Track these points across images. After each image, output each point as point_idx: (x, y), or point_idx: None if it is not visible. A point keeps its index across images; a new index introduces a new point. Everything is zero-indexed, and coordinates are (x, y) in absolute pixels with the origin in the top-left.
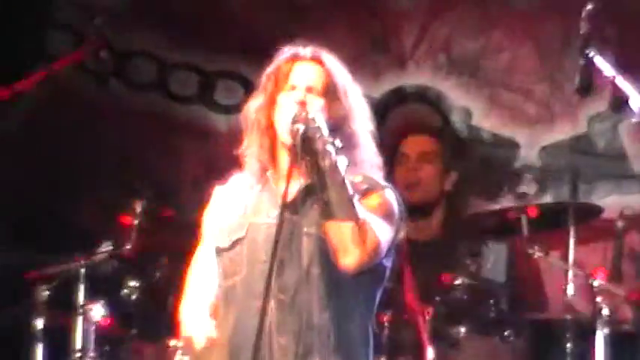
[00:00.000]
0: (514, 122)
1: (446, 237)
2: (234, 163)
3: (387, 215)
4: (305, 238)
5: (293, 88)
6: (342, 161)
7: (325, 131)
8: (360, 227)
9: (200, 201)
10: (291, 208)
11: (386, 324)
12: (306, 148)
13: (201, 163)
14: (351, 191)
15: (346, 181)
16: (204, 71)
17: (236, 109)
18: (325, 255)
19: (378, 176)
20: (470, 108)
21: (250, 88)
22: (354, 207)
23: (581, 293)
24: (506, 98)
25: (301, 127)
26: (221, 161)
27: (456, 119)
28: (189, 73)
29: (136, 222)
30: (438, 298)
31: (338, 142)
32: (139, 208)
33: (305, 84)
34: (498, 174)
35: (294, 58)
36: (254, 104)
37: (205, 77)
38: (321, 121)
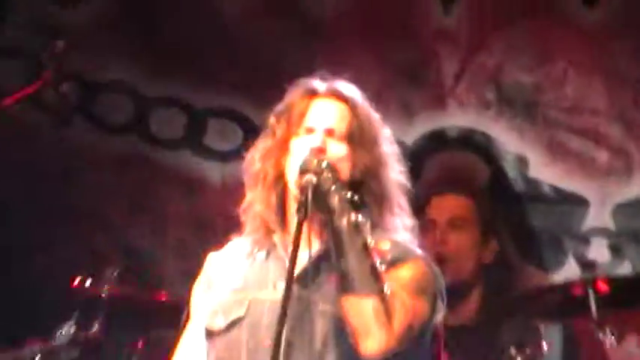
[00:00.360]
0: (581, 173)
1: (488, 321)
2: (230, 224)
3: (421, 291)
4: (318, 318)
5: (309, 131)
6: (363, 222)
7: (341, 183)
8: (386, 304)
9: (186, 271)
10: (301, 280)
11: None
12: (319, 205)
13: (188, 224)
14: (375, 259)
15: (369, 247)
16: (193, 108)
17: (232, 155)
18: (343, 338)
19: (411, 242)
20: (526, 156)
21: (251, 129)
22: (378, 278)
23: None
24: (571, 143)
25: (312, 178)
26: (213, 221)
27: (509, 170)
28: (174, 111)
29: (104, 296)
30: None
31: (358, 198)
32: (109, 279)
33: (324, 126)
34: (561, 238)
35: (312, 93)
36: (259, 151)
37: (194, 116)
38: (336, 171)
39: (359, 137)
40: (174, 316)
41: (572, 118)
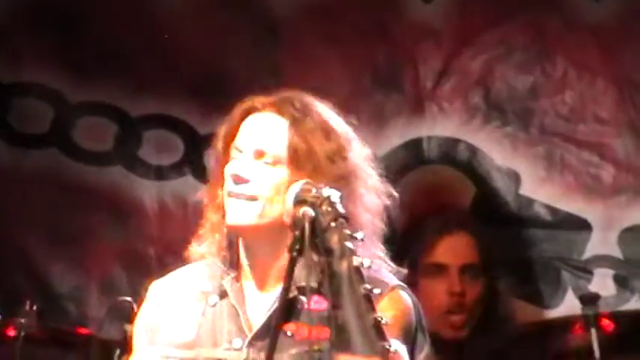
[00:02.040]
0: (583, 192)
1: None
2: (167, 255)
3: (404, 330)
4: None
5: (239, 153)
6: (366, 266)
7: (344, 220)
8: None
9: (116, 309)
10: (262, 336)
11: None
12: (314, 243)
13: (117, 255)
14: (378, 313)
15: (372, 297)
16: (126, 116)
17: (172, 171)
18: None
19: (382, 269)
20: (518, 171)
21: (194, 141)
22: (383, 335)
23: None
24: (571, 157)
25: (309, 212)
26: (147, 253)
27: (498, 188)
28: (102, 119)
29: (19, 340)
30: None
31: (361, 235)
32: (24, 320)
33: (253, 147)
34: (558, 268)
35: (249, 108)
36: (209, 179)
37: (127, 125)
38: (339, 204)
39: (303, 158)
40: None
41: (573, 128)
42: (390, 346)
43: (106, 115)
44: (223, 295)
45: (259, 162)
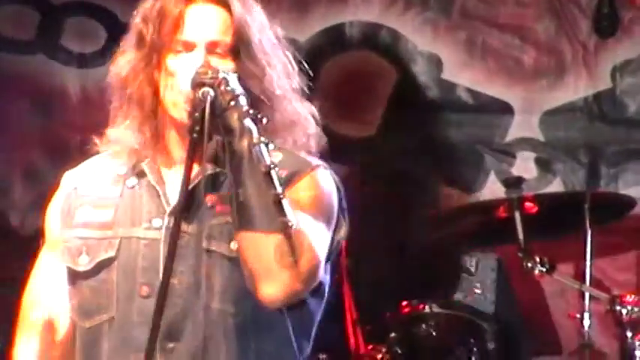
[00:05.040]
0: (505, 76)
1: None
2: (90, 143)
3: (323, 210)
4: (205, 259)
5: (188, 46)
6: (267, 144)
7: (244, 99)
8: (292, 242)
9: (37, 198)
10: (183, 213)
11: None
12: (214, 123)
13: (40, 143)
14: (279, 187)
15: (273, 174)
16: (47, 3)
17: (94, 59)
18: (236, 283)
19: (306, 153)
20: (440, 56)
21: (116, 28)
22: (283, 211)
23: (604, 325)
24: (492, 41)
25: (210, 92)
26: (70, 140)
27: (420, 72)
28: (23, 7)
29: None
30: (393, 335)
31: (261, 116)
32: None
33: (205, 39)
34: (481, 152)
35: None
36: (127, 63)
37: (48, 13)
38: (236, 84)
39: (246, 47)
40: (26, 247)
41: (494, 11)
42: (290, 221)
43: (27, 3)
44: (141, 176)
45: (212, 56)
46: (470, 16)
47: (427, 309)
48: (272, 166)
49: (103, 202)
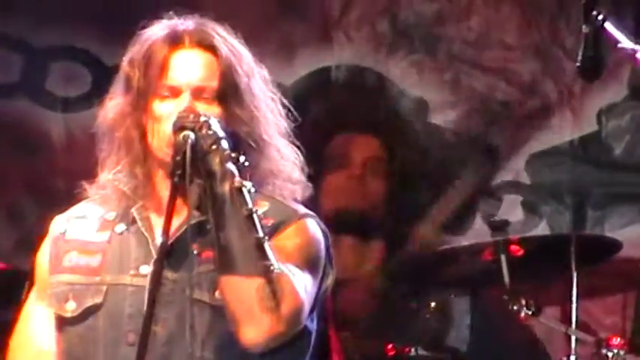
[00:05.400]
0: (490, 119)
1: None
2: (74, 187)
3: (310, 259)
4: (192, 306)
5: (174, 91)
6: (249, 188)
7: (225, 142)
8: (273, 286)
9: (21, 240)
10: (171, 261)
11: None
12: (196, 167)
13: (24, 186)
14: (260, 231)
15: (255, 218)
16: (32, 48)
17: (79, 104)
18: (219, 331)
19: (293, 202)
20: (425, 98)
21: (101, 73)
22: (264, 255)
23: None
24: (478, 84)
25: (190, 135)
26: (54, 183)
27: (406, 114)
28: (7, 51)
29: None
30: None
31: (242, 159)
32: None
33: (191, 84)
34: (466, 194)
35: (173, 42)
36: (115, 107)
37: (33, 56)
38: (218, 127)
39: (232, 94)
40: (11, 291)
41: (479, 54)
42: (272, 265)
43: (10, 47)
44: (131, 222)
45: (198, 101)
46: (455, 58)
47: (413, 352)
48: (254, 209)
49: (91, 248)
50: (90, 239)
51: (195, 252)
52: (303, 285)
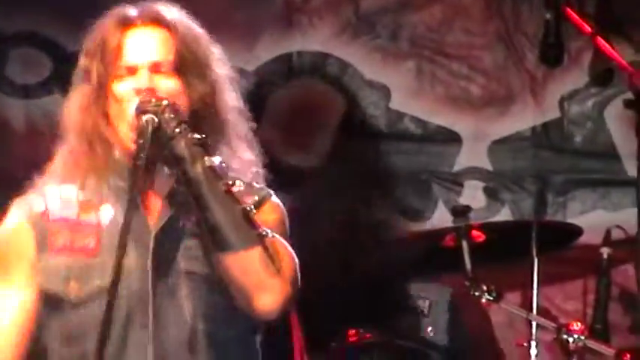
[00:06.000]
0: (452, 106)
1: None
2: (35, 175)
3: (286, 234)
4: (185, 282)
5: (131, 70)
6: (221, 164)
7: (186, 125)
8: (270, 251)
9: None
10: (160, 238)
11: None
12: (162, 154)
13: None
14: (243, 203)
15: (233, 191)
16: None
17: (39, 90)
18: (212, 303)
19: (258, 180)
20: (388, 85)
21: (62, 58)
22: (254, 224)
23: (551, 353)
24: (440, 71)
25: (153, 118)
26: (14, 167)
27: (368, 102)
28: None
29: None
30: None
31: (206, 139)
32: None
33: (148, 60)
34: (429, 181)
35: (125, 23)
36: (76, 100)
37: None
38: (179, 111)
39: (190, 66)
40: None
41: (443, 40)
42: (265, 231)
43: None
44: (114, 202)
45: (156, 75)
46: (418, 44)
47: (374, 338)
48: (231, 182)
49: (83, 229)
50: (78, 219)
51: (180, 228)
52: (290, 248)
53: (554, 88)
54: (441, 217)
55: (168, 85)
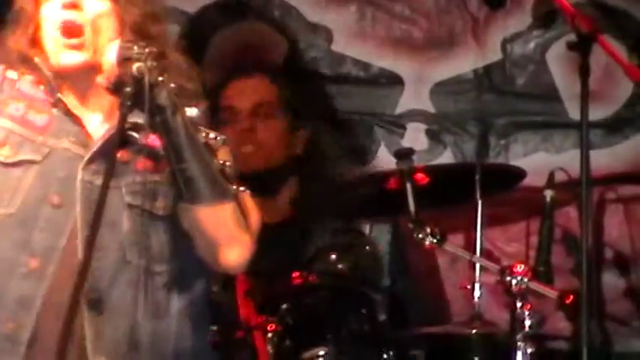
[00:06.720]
0: (394, 48)
1: (300, 217)
2: None
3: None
4: (125, 212)
5: None
6: (199, 117)
7: (168, 74)
8: (241, 207)
9: None
10: (96, 159)
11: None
12: (142, 100)
13: None
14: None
15: (210, 145)
16: None
17: None
18: (148, 239)
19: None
20: (329, 27)
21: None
22: (230, 178)
23: (494, 295)
24: (381, 13)
25: (142, 67)
26: None
27: (310, 44)
28: None
29: None
30: (285, 307)
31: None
32: None
33: None
34: (371, 123)
35: None
36: (11, 33)
37: None
38: (160, 59)
39: None
40: None
41: None
42: (236, 187)
43: None
44: (58, 104)
45: None
46: None
47: (318, 280)
48: (212, 135)
49: (39, 106)
50: (37, 97)
51: (122, 160)
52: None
53: (496, 31)
54: (383, 160)
55: (95, 3)
